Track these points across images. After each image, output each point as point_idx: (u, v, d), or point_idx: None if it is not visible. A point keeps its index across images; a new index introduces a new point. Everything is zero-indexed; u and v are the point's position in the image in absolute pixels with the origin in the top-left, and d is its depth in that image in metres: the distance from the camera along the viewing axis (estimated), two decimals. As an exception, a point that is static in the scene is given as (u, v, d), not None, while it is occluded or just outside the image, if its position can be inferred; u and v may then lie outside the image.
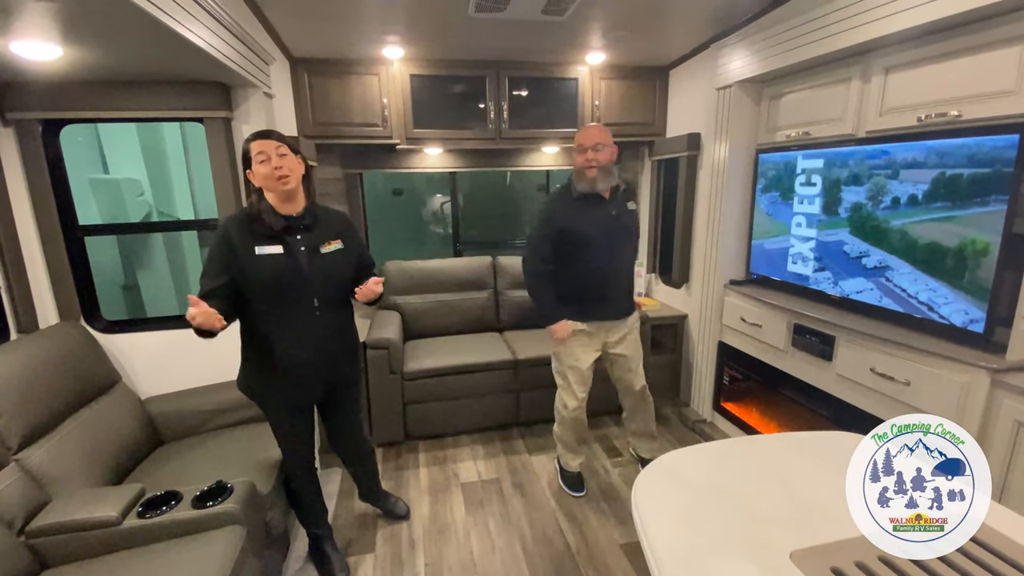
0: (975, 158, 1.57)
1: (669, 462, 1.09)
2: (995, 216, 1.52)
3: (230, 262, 1.51)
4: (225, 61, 1.71)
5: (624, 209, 2.17)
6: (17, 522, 1.41)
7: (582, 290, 2.16)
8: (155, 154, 3.44)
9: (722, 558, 0.81)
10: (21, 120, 1.89)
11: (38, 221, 1.99)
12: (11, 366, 1.63)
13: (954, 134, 1.65)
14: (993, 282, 1.56)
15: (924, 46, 1.72)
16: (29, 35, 1.37)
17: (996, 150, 1.52)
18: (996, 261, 1.54)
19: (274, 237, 1.55)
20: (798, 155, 2.28)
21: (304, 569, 1.94)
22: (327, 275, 1.63)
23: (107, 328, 2.20)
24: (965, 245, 1.62)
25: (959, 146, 1.62)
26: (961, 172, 1.61)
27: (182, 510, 1.50)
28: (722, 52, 2.58)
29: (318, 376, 1.70)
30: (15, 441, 1.55)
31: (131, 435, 1.95)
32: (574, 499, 2.35)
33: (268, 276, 1.53)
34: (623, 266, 2.22)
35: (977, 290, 1.60)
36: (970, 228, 1.60)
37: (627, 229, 2.21)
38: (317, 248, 1.62)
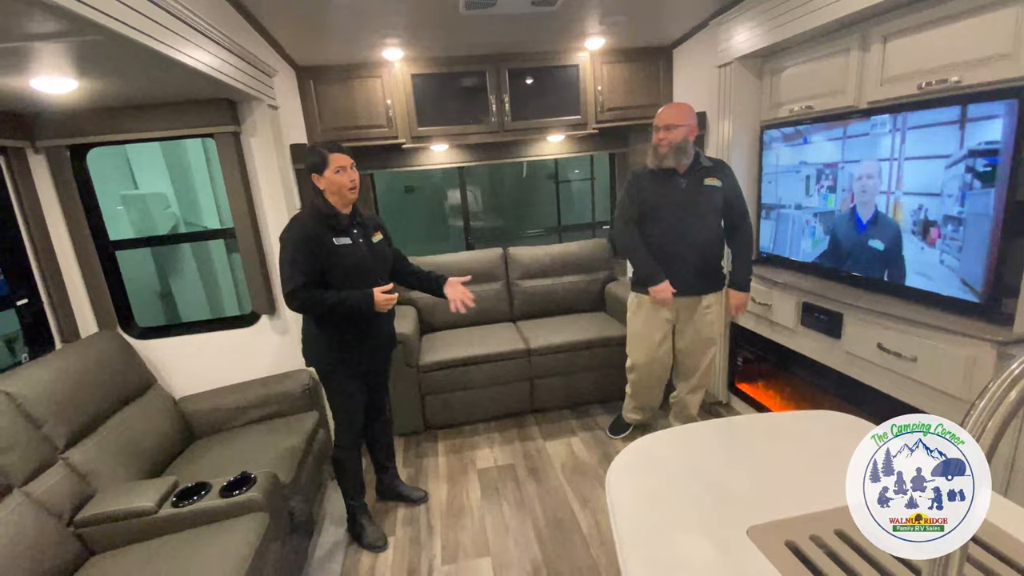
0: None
1: (645, 444, 1.13)
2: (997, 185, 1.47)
3: (317, 254, 1.75)
4: (227, 80, 1.80)
5: (699, 185, 2.19)
6: (66, 514, 1.56)
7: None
8: (179, 168, 3.64)
9: (681, 534, 0.86)
10: (50, 147, 2.05)
11: (72, 239, 2.16)
12: (55, 374, 1.80)
13: (954, 101, 1.60)
14: (999, 253, 1.51)
15: (920, 11, 1.66)
16: (45, 72, 1.49)
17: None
18: (1000, 231, 1.49)
19: (343, 231, 1.81)
20: (802, 130, 2.23)
21: (331, 552, 2.07)
22: (383, 260, 1.94)
23: (141, 334, 2.37)
24: (967, 216, 1.57)
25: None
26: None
27: (210, 499, 1.63)
28: (721, 28, 2.52)
29: (385, 344, 2.04)
30: (62, 442, 1.71)
31: (166, 432, 2.11)
32: (587, 484, 2.40)
33: (349, 262, 1.80)
34: (695, 242, 2.22)
35: (982, 261, 1.55)
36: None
37: (699, 205, 2.20)
38: (370, 239, 1.91)
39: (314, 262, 1.74)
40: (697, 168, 2.20)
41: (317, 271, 1.75)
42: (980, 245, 1.55)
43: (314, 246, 1.74)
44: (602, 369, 3.02)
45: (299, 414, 2.34)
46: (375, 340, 1.95)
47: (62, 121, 2.00)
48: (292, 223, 1.81)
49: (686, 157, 2.17)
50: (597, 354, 2.99)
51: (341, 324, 1.85)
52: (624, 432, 2.74)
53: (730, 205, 2.24)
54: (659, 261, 2.24)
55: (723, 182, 2.20)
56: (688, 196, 2.19)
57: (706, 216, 2.22)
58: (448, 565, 1.98)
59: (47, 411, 1.69)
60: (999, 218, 1.48)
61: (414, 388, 2.84)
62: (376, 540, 2.09)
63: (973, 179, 1.55)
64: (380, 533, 2.13)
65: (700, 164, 2.21)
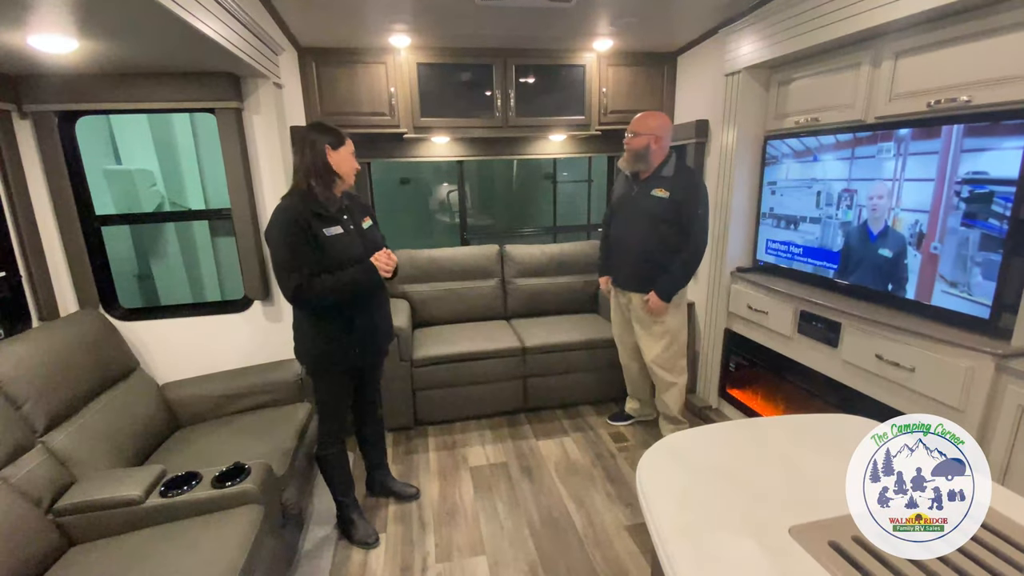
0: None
1: (672, 443, 1.12)
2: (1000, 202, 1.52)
3: (312, 244, 1.66)
4: (236, 52, 1.73)
5: (646, 194, 2.36)
6: (44, 501, 1.47)
7: (610, 252, 2.62)
8: (166, 145, 3.48)
9: (723, 533, 0.84)
10: (38, 112, 1.93)
11: (56, 211, 2.04)
12: (34, 353, 1.69)
13: (964, 119, 1.64)
14: (1000, 268, 1.56)
15: (934, 31, 1.71)
16: (46, 29, 1.40)
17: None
18: (1003, 247, 1.54)
19: (332, 219, 1.72)
20: (806, 142, 2.27)
21: (320, 547, 2.01)
22: (375, 247, 1.80)
23: (125, 316, 2.25)
24: (971, 232, 1.62)
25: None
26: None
27: (202, 490, 1.55)
28: (731, 38, 2.55)
29: (382, 338, 1.94)
30: (40, 424, 1.61)
31: (150, 419, 2.01)
32: (581, 484, 2.39)
33: (342, 253, 1.71)
34: (635, 243, 2.43)
35: (983, 276, 1.60)
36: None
37: (641, 212, 2.38)
38: (360, 225, 1.81)
39: (310, 252, 1.65)
40: (655, 177, 2.36)
41: (315, 261, 1.66)
42: (985, 261, 1.59)
43: (308, 236, 1.65)
44: (595, 370, 3.03)
45: (291, 404, 2.27)
46: (373, 333, 1.88)
47: (53, 85, 1.89)
48: (280, 216, 1.66)
49: (644, 164, 2.34)
50: (591, 355, 2.99)
51: (339, 317, 1.76)
52: (621, 421, 2.92)
53: (676, 219, 2.32)
54: (614, 255, 2.56)
55: (672, 195, 2.31)
56: (634, 201, 2.41)
57: (644, 223, 2.38)
58: (442, 563, 1.94)
59: (26, 391, 1.59)
60: (1003, 236, 1.53)
61: (406, 383, 2.79)
62: (367, 536, 2.03)
63: (970, 200, 1.59)
64: (371, 529, 2.07)
65: (659, 174, 2.36)
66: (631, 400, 2.91)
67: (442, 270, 3.30)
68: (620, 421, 2.92)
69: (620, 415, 2.94)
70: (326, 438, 1.93)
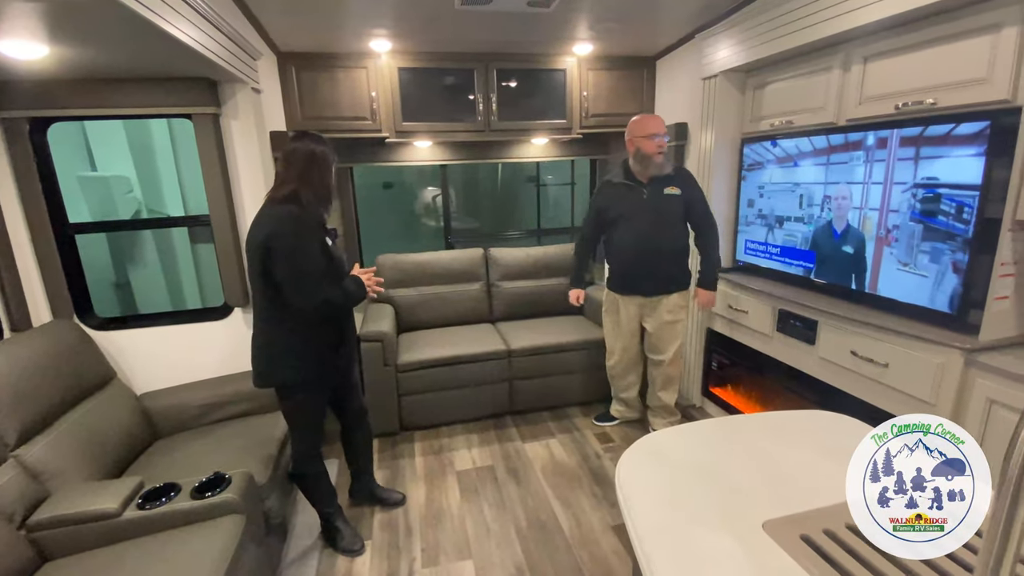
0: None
1: (651, 442, 1.13)
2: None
3: (326, 252, 1.68)
4: (212, 57, 1.72)
5: (659, 194, 2.42)
6: (17, 516, 1.43)
7: (614, 264, 2.62)
8: (143, 151, 3.42)
9: (700, 530, 0.86)
10: (8, 119, 1.89)
11: (28, 219, 2.00)
12: (5, 364, 1.65)
13: (930, 121, 1.70)
14: (967, 265, 1.61)
15: (900, 36, 1.76)
16: (15, 34, 1.37)
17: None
18: (970, 245, 1.59)
19: (325, 229, 1.74)
20: (781, 143, 2.32)
21: (304, 555, 1.98)
22: (348, 260, 1.85)
23: (101, 325, 2.21)
24: (938, 231, 1.67)
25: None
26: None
27: (181, 501, 1.53)
28: (707, 42, 2.60)
29: (354, 345, 1.97)
30: (12, 437, 1.57)
31: (127, 430, 1.97)
32: (567, 485, 2.40)
33: (340, 265, 1.75)
34: (663, 245, 2.46)
35: (952, 274, 1.65)
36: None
37: (664, 211, 2.43)
38: (335, 238, 1.82)
39: (326, 261, 1.68)
40: (661, 177, 2.45)
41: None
42: (954, 260, 1.64)
43: (324, 245, 1.68)
44: (581, 372, 3.04)
45: (273, 412, 2.23)
46: (349, 347, 1.90)
47: (24, 91, 1.85)
48: (293, 225, 1.59)
49: (669, 163, 2.47)
50: (576, 357, 3.01)
51: (317, 331, 1.72)
52: (606, 422, 2.95)
53: (688, 213, 2.47)
54: (625, 265, 2.56)
55: (683, 190, 2.44)
56: (649, 204, 2.45)
57: (666, 223, 2.47)
58: (429, 568, 1.93)
59: (-3, 404, 1.55)
60: (970, 235, 1.58)
61: (391, 388, 2.77)
62: (352, 543, 2.01)
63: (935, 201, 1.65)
64: (357, 536, 2.05)
65: (664, 173, 2.45)
66: (616, 403, 2.95)
67: (427, 274, 3.29)
68: (606, 422, 2.94)
69: (606, 416, 2.97)
70: (303, 456, 1.88)
